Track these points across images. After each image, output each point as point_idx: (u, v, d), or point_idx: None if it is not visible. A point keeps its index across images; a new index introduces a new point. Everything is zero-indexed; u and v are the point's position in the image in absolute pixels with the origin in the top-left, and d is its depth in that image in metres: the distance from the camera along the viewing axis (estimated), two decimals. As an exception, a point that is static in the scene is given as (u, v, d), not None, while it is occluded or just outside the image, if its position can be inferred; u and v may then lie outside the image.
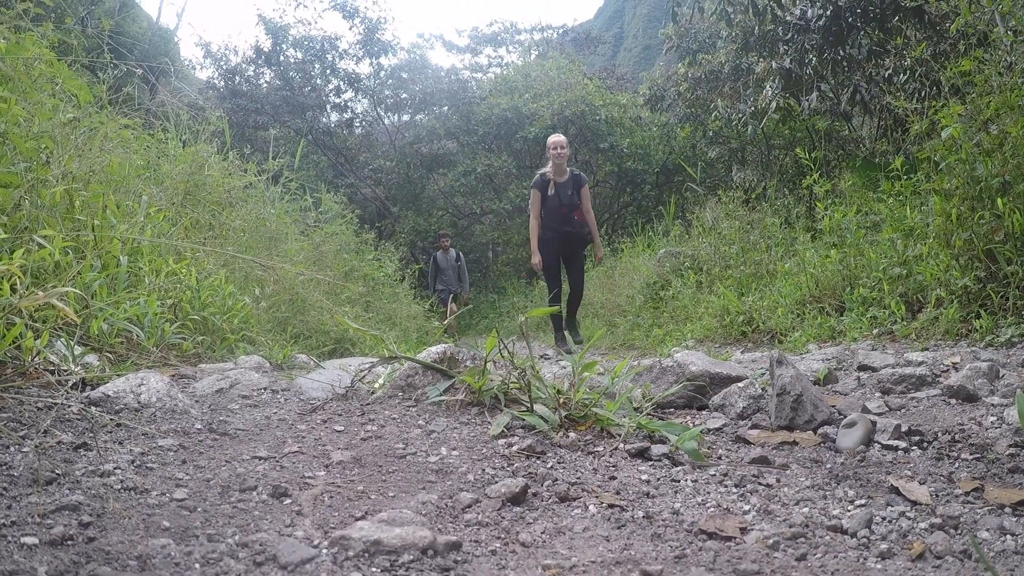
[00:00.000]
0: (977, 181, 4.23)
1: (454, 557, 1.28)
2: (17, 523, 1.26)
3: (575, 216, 7.50)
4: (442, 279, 13.69)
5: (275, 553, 1.23)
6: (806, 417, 2.20)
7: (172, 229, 4.22)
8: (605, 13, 74.19)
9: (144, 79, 5.97)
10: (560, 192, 7.42)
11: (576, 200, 7.49)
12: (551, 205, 7.45)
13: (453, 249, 14.13)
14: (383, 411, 2.34)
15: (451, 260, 13.80)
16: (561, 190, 7.42)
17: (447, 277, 13.68)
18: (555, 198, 7.41)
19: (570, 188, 7.46)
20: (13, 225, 2.81)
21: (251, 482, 1.59)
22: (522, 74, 23.75)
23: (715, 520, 1.48)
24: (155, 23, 22.93)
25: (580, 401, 2.27)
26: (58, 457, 1.62)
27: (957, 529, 1.42)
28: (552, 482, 1.72)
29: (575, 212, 7.50)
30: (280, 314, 5.12)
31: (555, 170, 7.43)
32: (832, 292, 5.65)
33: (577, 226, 7.53)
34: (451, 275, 13.73)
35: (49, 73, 3.56)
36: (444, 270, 13.75)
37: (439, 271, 13.79)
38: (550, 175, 7.46)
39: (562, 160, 7.39)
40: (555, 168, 7.42)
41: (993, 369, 2.65)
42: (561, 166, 7.42)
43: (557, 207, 7.41)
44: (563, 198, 7.41)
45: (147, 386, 2.18)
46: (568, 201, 7.43)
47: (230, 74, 22.62)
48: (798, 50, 8.91)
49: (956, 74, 5.03)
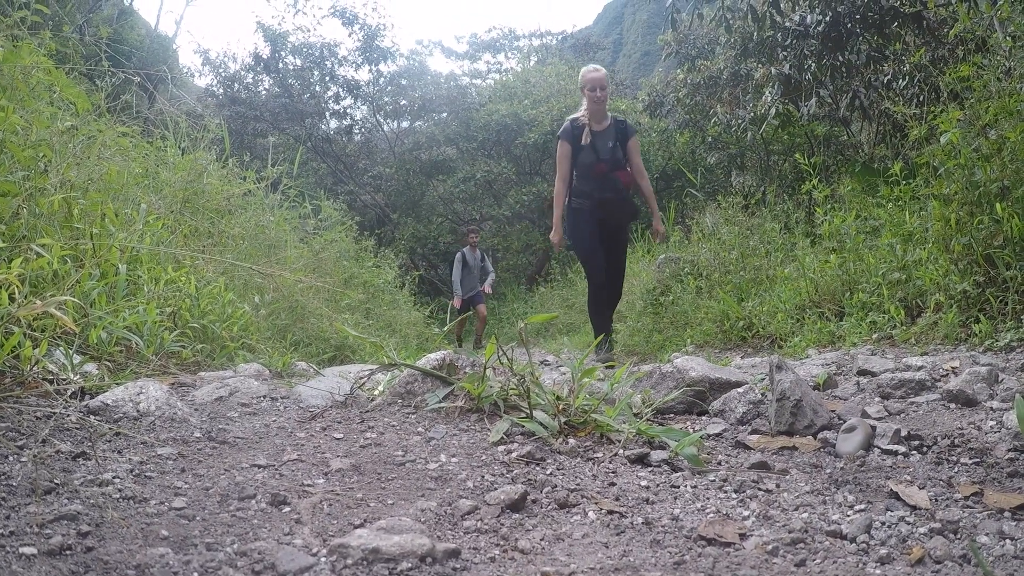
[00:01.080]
0: (976, 186, 4.24)
1: (453, 564, 1.28)
2: (16, 533, 1.25)
3: (618, 177, 5.73)
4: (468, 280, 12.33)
5: (274, 561, 1.23)
6: (806, 422, 2.20)
7: (171, 237, 4.22)
8: (604, 19, 74.27)
9: (142, 87, 5.97)
10: (597, 144, 5.68)
11: (620, 155, 5.75)
12: (584, 161, 5.70)
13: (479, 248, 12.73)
14: (382, 418, 2.34)
15: (478, 259, 12.50)
16: (599, 141, 5.69)
17: (474, 278, 12.37)
18: (590, 152, 5.67)
19: (611, 139, 5.72)
20: (11, 234, 2.81)
21: (250, 490, 1.58)
22: (521, 80, 23.82)
23: (714, 526, 1.48)
24: (153, 30, 23.02)
25: (579, 407, 2.26)
26: (57, 466, 1.62)
27: (957, 534, 1.42)
28: (551, 489, 1.72)
29: (618, 172, 5.74)
30: (280, 321, 5.12)
31: (592, 115, 5.71)
32: (831, 297, 5.64)
33: (621, 191, 5.77)
34: (476, 276, 12.41)
35: (47, 81, 3.57)
36: (471, 268, 12.35)
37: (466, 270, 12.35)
38: (584, 120, 5.72)
39: (601, 104, 5.69)
40: (592, 112, 5.70)
41: (992, 373, 2.65)
42: (601, 111, 5.72)
43: (593, 164, 5.67)
44: (601, 152, 5.67)
45: (146, 395, 2.18)
46: (609, 156, 5.68)
47: (229, 81, 22.65)
48: (797, 56, 8.92)
49: (955, 79, 5.03)
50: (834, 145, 10.46)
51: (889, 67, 8.34)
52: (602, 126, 5.74)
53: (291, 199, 7.93)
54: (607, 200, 5.71)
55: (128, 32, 18.53)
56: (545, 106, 20.30)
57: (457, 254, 12.72)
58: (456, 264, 12.49)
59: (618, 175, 5.71)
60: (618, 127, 5.81)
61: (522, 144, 20.74)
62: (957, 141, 4.40)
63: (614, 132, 5.76)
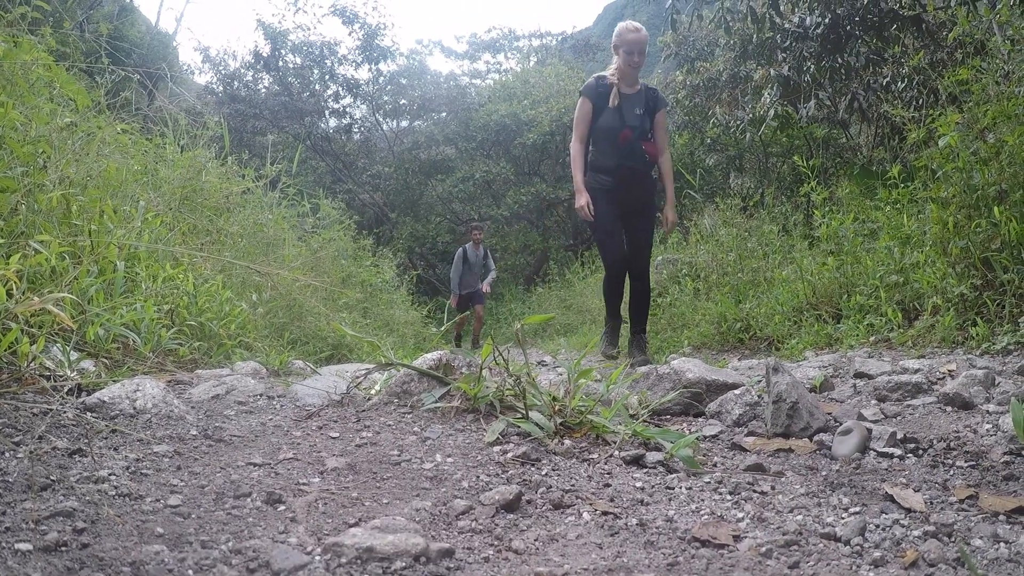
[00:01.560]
0: (974, 189, 4.25)
1: (447, 564, 1.28)
2: (11, 529, 1.25)
3: (643, 148, 5.16)
4: (468, 279, 12.06)
5: (268, 560, 1.23)
6: (802, 424, 2.20)
7: (169, 234, 4.22)
8: (604, 20, 74.26)
9: (142, 84, 5.97)
10: (625, 109, 5.12)
11: (647, 125, 5.19)
12: (607, 124, 5.12)
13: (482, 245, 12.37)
14: (378, 417, 2.34)
15: (480, 257, 12.19)
16: (627, 106, 5.13)
17: (472, 277, 12.09)
18: (615, 115, 5.10)
19: (640, 105, 5.17)
20: (10, 230, 2.81)
21: (245, 488, 1.59)
22: (521, 80, 23.80)
23: (709, 528, 1.48)
24: (154, 28, 23.00)
25: (575, 408, 2.27)
26: (53, 463, 1.62)
27: (951, 537, 1.42)
28: (546, 489, 1.72)
29: (644, 143, 5.17)
30: (277, 320, 5.12)
31: (623, 76, 5.15)
32: (829, 299, 5.65)
33: (645, 163, 5.21)
34: (477, 274, 12.12)
35: (47, 77, 3.57)
36: (472, 266, 12.05)
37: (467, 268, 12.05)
38: (613, 80, 5.15)
39: (636, 70, 5.14)
40: (623, 74, 5.14)
41: (989, 377, 2.65)
42: (633, 76, 5.16)
43: (618, 129, 5.09)
44: (628, 118, 5.10)
45: (143, 392, 2.18)
46: (637, 124, 5.11)
47: (228, 79, 22.63)
48: (796, 58, 8.93)
49: (953, 83, 5.04)
50: (833, 147, 10.48)
51: (888, 70, 8.36)
52: (632, 90, 5.18)
53: (290, 197, 7.92)
54: (628, 172, 5.12)
55: (128, 29, 18.53)
56: (544, 107, 20.30)
57: (458, 250, 12.47)
58: (456, 261, 12.25)
59: (644, 146, 5.15)
60: (648, 95, 5.23)
61: (521, 144, 20.74)
62: (955, 144, 4.41)
63: (644, 99, 5.19)
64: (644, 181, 5.26)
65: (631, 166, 5.12)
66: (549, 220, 22.59)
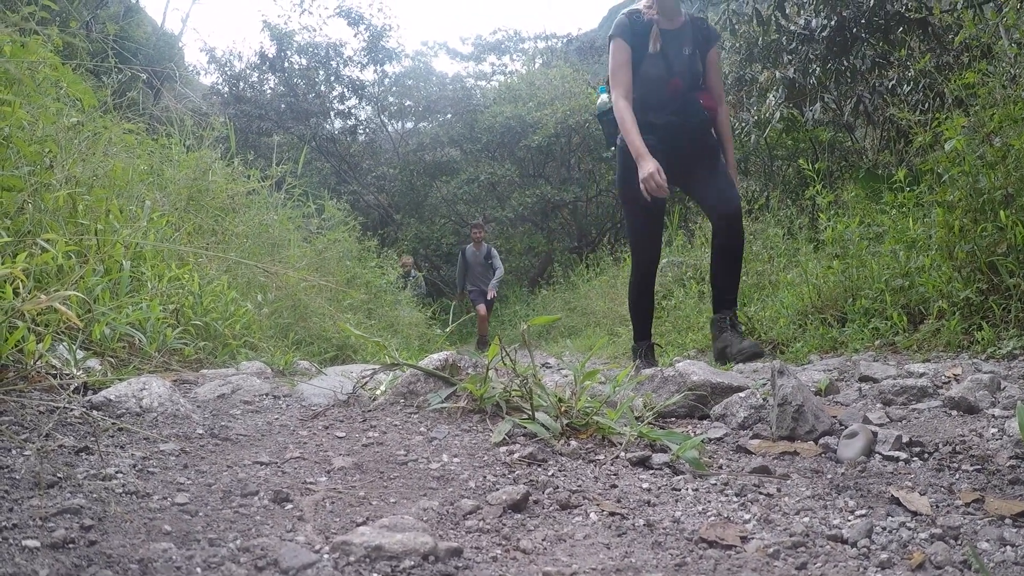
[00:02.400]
0: (980, 193, 4.24)
1: (455, 563, 1.28)
2: (19, 526, 1.26)
3: (697, 99, 4.09)
4: (472, 278, 12.35)
5: (276, 558, 1.23)
6: (807, 427, 2.20)
7: (175, 234, 4.23)
8: (608, 22, 74.31)
9: (148, 84, 6.00)
10: (670, 50, 4.02)
11: (699, 68, 4.11)
12: (650, 74, 4.02)
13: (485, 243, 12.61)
14: (385, 418, 2.34)
15: (481, 256, 12.42)
16: (671, 46, 4.04)
17: (476, 276, 12.36)
18: (659, 61, 4.00)
19: (688, 43, 4.07)
20: (16, 229, 2.82)
21: (252, 487, 1.59)
22: (526, 82, 23.81)
23: (716, 529, 1.48)
24: (160, 28, 23.00)
25: (582, 409, 2.26)
26: (60, 461, 1.63)
27: (957, 540, 1.42)
28: (553, 490, 1.72)
29: (699, 94, 4.11)
30: (282, 320, 5.13)
31: (662, 7, 4.06)
32: (834, 303, 5.64)
33: (702, 120, 4.11)
34: (481, 273, 12.38)
35: (54, 77, 3.58)
36: (473, 267, 12.34)
37: (468, 268, 12.39)
38: (652, 14, 4.05)
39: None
40: (662, 5, 4.06)
41: (994, 381, 2.65)
42: (673, 4, 4.11)
43: (664, 79, 4.01)
44: (675, 62, 4.02)
45: (149, 391, 2.18)
46: (686, 69, 4.04)
47: (234, 80, 22.72)
48: (802, 60, 8.93)
49: (960, 86, 5.03)
50: (838, 151, 10.47)
51: (894, 73, 8.35)
52: (674, 24, 4.09)
53: (295, 198, 7.93)
54: (682, 131, 4.03)
55: (134, 29, 18.53)
56: (549, 108, 20.30)
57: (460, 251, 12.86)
58: (459, 262, 12.62)
59: (699, 97, 4.09)
60: (696, 27, 4.16)
61: (526, 147, 20.75)
62: (961, 148, 4.40)
63: (691, 34, 4.10)
64: (700, 137, 4.13)
65: (683, 123, 4.05)
66: (554, 222, 22.61)
